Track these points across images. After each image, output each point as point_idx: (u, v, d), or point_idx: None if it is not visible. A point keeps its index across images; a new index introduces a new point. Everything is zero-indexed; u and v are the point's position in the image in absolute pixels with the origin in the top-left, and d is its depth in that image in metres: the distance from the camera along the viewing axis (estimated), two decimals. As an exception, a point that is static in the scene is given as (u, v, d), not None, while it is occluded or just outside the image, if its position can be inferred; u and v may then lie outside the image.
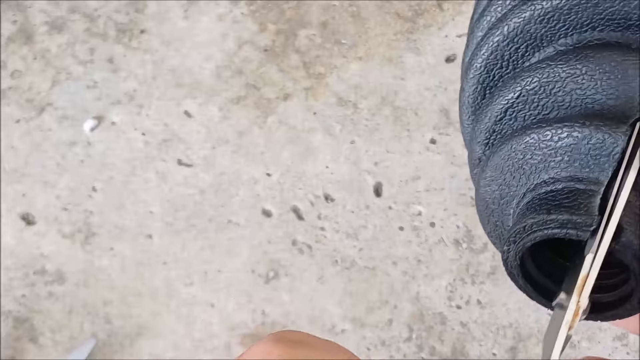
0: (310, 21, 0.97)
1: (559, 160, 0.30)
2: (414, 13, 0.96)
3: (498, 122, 0.32)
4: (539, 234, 0.28)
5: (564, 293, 0.28)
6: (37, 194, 0.90)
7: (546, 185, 0.30)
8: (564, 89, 0.30)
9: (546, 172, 0.30)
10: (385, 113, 0.92)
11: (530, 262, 0.31)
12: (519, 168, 0.31)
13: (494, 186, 0.33)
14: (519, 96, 0.31)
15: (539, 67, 0.30)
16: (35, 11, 1.00)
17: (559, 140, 0.29)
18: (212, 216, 0.88)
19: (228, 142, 0.92)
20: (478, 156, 0.34)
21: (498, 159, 0.32)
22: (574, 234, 0.27)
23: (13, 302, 0.85)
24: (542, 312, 0.83)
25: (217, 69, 0.95)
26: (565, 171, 0.30)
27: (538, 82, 0.30)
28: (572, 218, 0.28)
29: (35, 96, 0.95)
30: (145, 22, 0.98)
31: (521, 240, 0.29)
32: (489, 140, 0.33)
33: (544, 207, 0.29)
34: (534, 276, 0.31)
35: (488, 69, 0.33)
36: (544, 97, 0.30)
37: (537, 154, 0.30)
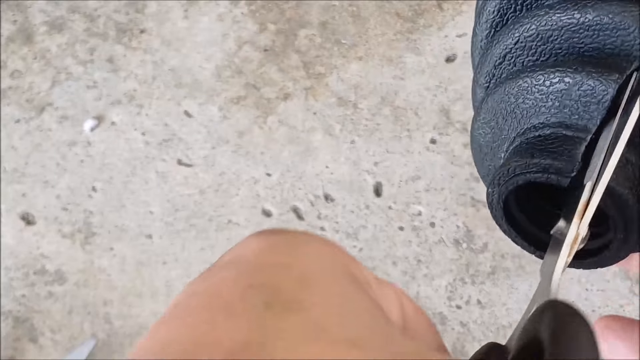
0: (310, 21, 0.97)
1: (550, 105, 0.30)
2: (414, 13, 0.96)
3: (497, 67, 0.33)
4: (521, 177, 0.28)
5: (562, 221, 0.28)
6: (37, 194, 0.90)
7: (535, 130, 0.30)
8: (561, 37, 0.30)
9: (536, 117, 0.30)
10: (385, 113, 0.92)
11: (515, 206, 0.31)
12: (511, 112, 0.31)
13: (487, 129, 0.33)
14: (517, 42, 0.31)
15: (537, 14, 0.30)
16: (35, 11, 1.00)
17: (551, 85, 0.29)
18: (212, 216, 0.88)
19: (228, 142, 0.92)
20: (479, 99, 0.35)
21: (492, 101, 0.32)
22: (555, 178, 0.27)
23: (13, 302, 0.85)
24: (542, 312, 0.83)
25: (217, 69, 0.95)
26: (555, 117, 0.30)
27: (535, 29, 0.30)
28: (554, 163, 0.28)
29: (35, 96, 0.95)
30: (145, 22, 0.98)
31: (505, 183, 0.29)
32: (489, 83, 0.34)
33: (529, 151, 0.29)
34: (519, 220, 0.31)
35: (501, 12, 0.33)
36: (541, 44, 0.30)
37: (529, 98, 0.30)
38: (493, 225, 0.92)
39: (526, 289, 0.84)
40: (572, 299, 0.84)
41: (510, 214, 0.31)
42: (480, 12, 0.35)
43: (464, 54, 0.93)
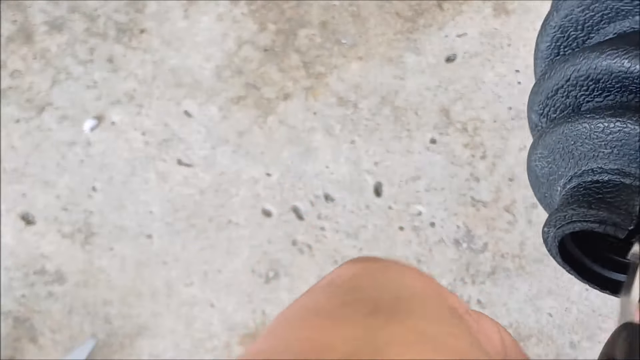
0: (310, 21, 0.97)
1: (608, 152, 0.30)
2: (414, 13, 0.96)
3: (550, 98, 0.33)
4: (578, 225, 0.29)
5: (637, 245, 0.28)
6: (37, 194, 0.90)
7: (592, 174, 0.30)
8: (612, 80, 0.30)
9: (594, 161, 0.30)
10: (386, 113, 0.92)
11: (569, 240, 0.31)
12: (568, 152, 0.31)
13: (544, 163, 0.33)
14: (568, 80, 0.31)
15: (588, 56, 0.30)
16: (35, 11, 1.00)
17: (610, 133, 0.29)
18: (212, 216, 0.88)
19: (228, 142, 0.92)
20: (535, 122, 0.35)
21: (550, 139, 0.32)
22: (612, 231, 0.27)
23: (13, 302, 0.85)
24: (542, 312, 0.83)
25: (217, 68, 0.95)
26: (613, 163, 0.29)
27: (585, 71, 0.30)
28: (611, 216, 0.28)
29: (35, 96, 0.95)
30: (145, 22, 0.98)
31: (560, 227, 0.29)
32: (543, 111, 0.34)
33: (586, 199, 0.29)
34: (572, 252, 0.32)
35: (563, 29, 0.33)
36: (592, 84, 0.30)
37: (587, 142, 0.30)
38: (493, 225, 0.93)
39: (526, 289, 0.84)
40: (573, 299, 0.84)
41: (564, 249, 0.32)
42: (543, 26, 0.35)
43: (464, 53, 0.93)
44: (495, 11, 0.94)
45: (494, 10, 0.94)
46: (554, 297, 0.84)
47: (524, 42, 0.92)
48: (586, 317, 0.83)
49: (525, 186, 0.87)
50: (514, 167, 0.88)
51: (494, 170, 0.88)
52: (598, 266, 0.32)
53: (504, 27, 0.93)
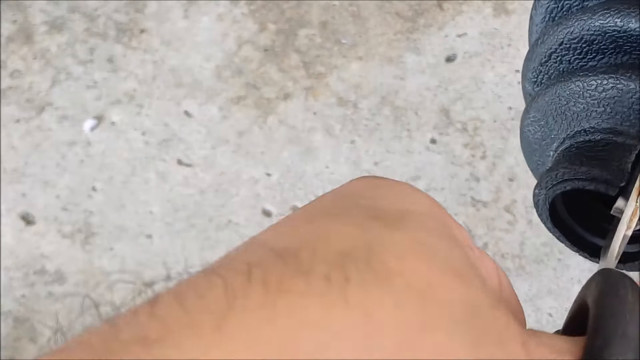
0: (310, 21, 0.97)
1: (601, 110, 0.29)
2: (414, 13, 0.96)
3: (544, 64, 0.32)
4: (569, 184, 0.28)
5: (621, 199, 0.28)
6: (37, 194, 0.90)
7: (585, 134, 0.30)
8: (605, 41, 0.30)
9: (587, 121, 0.30)
10: (386, 113, 0.92)
11: (561, 204, 0.31)
12: (561, 113, 0.31)
13: (537, 127, 0.33)
14: (561, 43, 0.31)
15: (580, 18, 0.30)
16: (35, 11, 1.00)
17: (604, 90, 0.29)
18: (212, 216, 0.88)
19: (228, 142, 0.92)
20: (528, 92, 0.35)
21: (542, 101, 0.32)
22: (603, 188, 0.27)
23: (13, 302, 0.85)
24: (542, 312, 0.83)
25: (217, 68, 0.95)
26: (606, 122, 0.29)
27: (579, 33, 0.30)
28: (602, 173, 0.27)
29: (35, 96, 0.95)
30: (145, 22, 0.98)
31: (551, 187, 0.29)
32: (537, 79, 0.33)
33: (578, 157, 0.29)
34: (564, 218, 0.31)
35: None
36: (586, 46, 0.30)
37: (580, 102, 0.30)
38: (493, 225, 0.92)
39: (526, 288, 0.84)
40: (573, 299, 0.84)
41: (556, 213, 0.31)
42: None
43: (464, 53, 0.93)
44: (495, 11, 0.94)
45: (494, 10, 0.94)
46: (554, 297, 0.84)
47: (524, 42, 0.92)
48: (586, 317, 0.83)
49: (525, 186, 0.87)
50: (514, 167, 0.88)
51: (494, 170, 0.88)
52: (589, 234, 0.32)
53: (504, 27, 0.93)
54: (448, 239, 0.20)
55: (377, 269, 0.17)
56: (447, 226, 0.21)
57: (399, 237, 0.18)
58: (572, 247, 0.32)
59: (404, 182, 0.23)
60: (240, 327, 0.15)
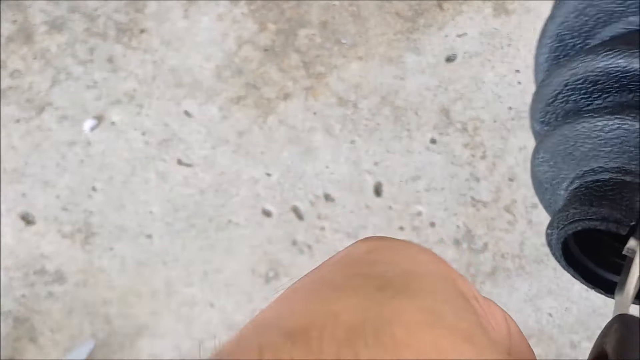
0: (310, 21, 0.97)
1: (608, 150, 0.30)
2: (414, 13, 0.96)
3: (551, 104, 0.33)
4: (580, 224, 0.29)
5: (633, 239, 0.28)
6: (37, 194, 0.90)
7: (594, 174, 0.30)
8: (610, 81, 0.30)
9: (595, 161, 0.30)
10: (386, 113, 0.92)
11: (573, 244, 0.31)
12: (569, 154, 0.31)
13: (546, 167, 0.33)
14: (567, 85, 0.31)
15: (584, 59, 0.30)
16: (35, 11, 1.00)
17: (610, 131, 0.29)
18: (212, 216, 0.88)
19: (228, 142, 0.92)
20: (537, 131, 0.35)
21: (550, 142, 0.32)
22: (614, 227, 0.28)
23: (13, 302, 0.85)
24: (542, 312, 0.83)
25: (217, 68, 0.95)
26: (614, 162, 0.30)
27: (583, 74, 0.30)
28: (612, 213, 0.28)
29: (35, 96, 0.95)
30: (145, 22, 0.98)
31: (563, 228, 0.29)
32: (545, 119, 0.34)
33: (588, 197, 0.29)
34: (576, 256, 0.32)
35: (559, 38, 0.33)
36: (591, 86, 0.30)
37: (587, 142, 0.30)
38: (493, 225, 0.92)
39: (526, 289, 0.84)
40: (573, 299, 0.84)
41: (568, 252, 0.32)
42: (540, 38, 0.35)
43: (464, 53, 0.93)
44: (495, 11, 0.94)
45: (494, 10, 0.94)
46: (554, 297, 0.84)
47: (524, 42, 0.92)
48: (586, 317, 0.83)
49: (525, 186, 0.87)
50: (514, 167, 0.88)
51: (494, 170, 0.88)
52: (602, 269, 0.32)
53: (504, 27, 0.93)
54: (454, 298, 0.20)
55: (385, 343, 0.17)
56: (452, 283, 0.21)
57: (407, 308, 0.18)
58: (587, 284, 0.33)
59: (406, 241, 0.23)
60: None
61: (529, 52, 0.91)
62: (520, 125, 0.89)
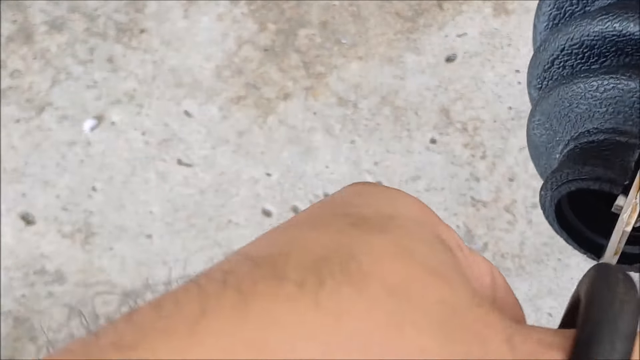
0: (310, 21, 0.97)
1: (603, 111, 0.30)
2: (414, 13, 0.96)
3: (547, 70, 0.33)
4: (573, 184, 0.29)
5: (622, 196, 0.28)
6: (37, 194, 0.90)
7: (589, 135, 0.30)
8: (606, 45, 0.30)
9: (590, 122, 0.30)
10: (386, 113, 0.92)
11: (567, 206, 0.31)
12: (564, 115, 0.31)
13: (542, 130, 0.33)
14: (563, 49, 0.31)
15: (580, 24, 0.30)
16: (35, 11, 1.00)
17: (605, 91, 0.29)
18: (212, 216, 0.88)
19: (228, 142, 0.92)
20: (534, 98, 0.35)
21: (546, 104, 0.32)
22: (607, 187, 0.27)
23: (13, 302, 0.85)
24: (542, 312, 0.83)
25: (217, 68, 0.95)
26: (609, 123, 0.30)
27: (579, 38, 0.30)
28: (606, 172, 0.28)
29: (35, 96, 0.95)
30: (145, 22, 0.98)
31: (557, 188, 0.29)
32: (542, 85, 0.34)
33: (582, 158, 0.29)
34: (570, 220, 0.32)
35: (558, 5, 0.33)
36: (587, 50, 0.31)
37: (582, 103, 0.30)
38: (493, 225, 0.92)
39: (526, 288, 0.84)
40: (572, 299, 0.84)
41: (562, 215, 0.31)
42: (539, 5, 0.35)
43: (464, 53, 0.93)
44: (495, 11, 0.94)
45: (494, 10, 0.94)
46: (554, 297, 0.84)
47: (524, 42, 0.92)
48: (586, 317, 0.83)
49: (525, 186, 0.87)
50: (514, 167, 0.88)
51: (494, 170, 0.88)
52: (596, 235, 0.32)
53: (504, 27, 0.93)
54: (431, 241, 0.20)
55: (351, 272, 0.17)
56: (433, 229, 0.21)
57: (377, 241, 0.18)
58: (579, 249, 0.33)
59: (395, 188, 0.23)
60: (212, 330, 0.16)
61: (529, 52, 0.91)
62: (520, 125, 0.89)
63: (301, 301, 0.16)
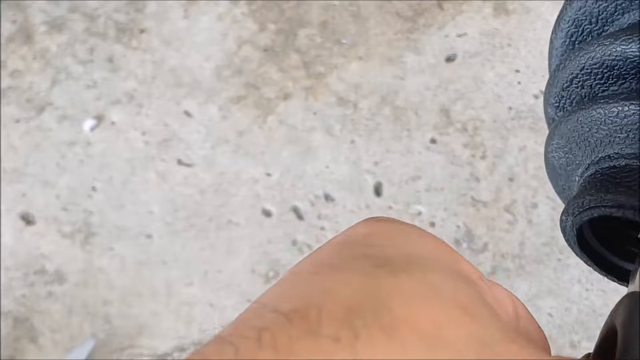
0: (310, 21, 0.97)
1: (624, 136, 0.30)
2: (414, 13, 0.96)
3: (566, 89, 0.32)
4: (596, 211, 0.28)
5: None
6: (37, 194, 0.90)
7: (609, 160, 0.30)
8: (627, 66, 0.30)
9: (611, 147, 0.30)
10: (385, 113, 0.92)
11: (588, 231, 0.31)
12: (584, 140, 0.31)
13: (561, 153, 0.33)
14: (583, 69, 0.31)
15: (602, 43, 0.30)
16: (35, 11, 1.00)
17: (625, 117, 0.29)
18: (212, 216, 0.88)
19: (228, 142, 0.92)
20: (551, 117, 0.35)
21: (565, 128, 0.32)
22: (630, 215, 0.27)
23: (13, 302, 0.85)
24: (542, 312, 0.83)
25: (217, 68, 0.95)
26: (630, 148, 0.29)
27: (600, 58, 0.30)
28: (629, 200, 0.27)
29: (35, 96, 0.95)
30: (145, 22, 0.98)
31: (578, 214, 0.29)
32: (559, 103, 0.33)
33: (604, 184, 0.29)
34: (591, 243, 0.31)
35: (577, 23, 0.33)
36: (607, 71, 0.30)
37: (602, 128, 0.30)
38: (493, 225, 0.92)
39: (526, 288, 0.84)
40: (573, 299, 0.84)
41: (582, 239, 0.31)
42: (557, 22, 0.35)
43: (464, 53, 0.93)
44: (495, 11, 0.94)
45: (494, 10, 0.94)
46: (554, 297, 0.84)
47: (524, 42, 0.92)
48: (586, 317, 0.83)
49: (525, 186, 0.87)
50: (514, 167, 0.88)
51: (494, 170, 0.88)
52: (616, 257, 0.32)
53: (504, 27, 0.93)
54: (455, 276, 0.20)
55: (383, 320, 0.17)
56: (454, 264, 0.21)
57: (405, 284, 0.18)
58: (601, 272, 0.32)
59: (409, 224, 0.23)
60: None
61: (529, 52, 0.91)
62: (520, 125, 0.89)
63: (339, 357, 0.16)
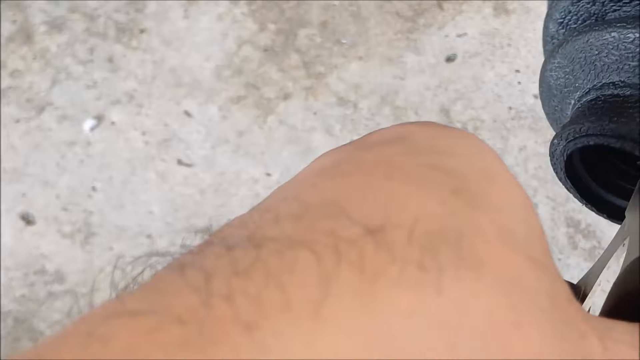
0: (310, 21, 0.97)
1: (635, 65, 0.28)
2: (414, 12, 0.96)
3: (575, 4, 0.31)
4: (592, 139, 0.27)
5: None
6: (37, 194, 0.90)
7: (614, 88, 0.29)
8: None
9: (617, 74, 0.29)
10: (386, 113, 0.92)
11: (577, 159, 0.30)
12: (590, 63, 0.30)
13: (561, 73, 0.31)
14: None
15: None
16: (34, 11, 1.00)
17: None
18: (212, 216, 0.88)
19: (228, 142, 0.92)
20: (551, 34, 0.33)
21: (571, 48, 0.30)
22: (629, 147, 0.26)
23: (13, 302, 0.85)
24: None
25: (217, 68, 0.95)
26: (638, 78, 0.28)
27: None
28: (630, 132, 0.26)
29: (35, 96, 0.95)
30: (145, 22, 0.98)
31: (572, 140, 0.28)
32: (564, 19, 0.32)
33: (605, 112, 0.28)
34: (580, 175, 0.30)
35: None
36: None
37: (613, 53, 0.29)
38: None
39: (526, 288, 0.84)
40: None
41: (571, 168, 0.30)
42: None
43: (464, 53, 0.93)
44: (496, 11, 0.94)
45: (494, 10, 0.94)
46: (554, 297, 0.84)
47: (524, 42, 0.92)
48: (586, 317, 0.83)
49: (525, 186, 0.87)
50: (514, 167, 0.88)
51: (494, 170, 0.88)
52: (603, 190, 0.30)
53: (504, 27, 0.93)
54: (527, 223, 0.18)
55: (468, 257, 0.16)
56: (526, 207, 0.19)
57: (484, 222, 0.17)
58: (581, 201, 0.31)
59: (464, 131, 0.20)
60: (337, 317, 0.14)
61: (529, 52, 0.91)
62: (520, 125, 0.89)
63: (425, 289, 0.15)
